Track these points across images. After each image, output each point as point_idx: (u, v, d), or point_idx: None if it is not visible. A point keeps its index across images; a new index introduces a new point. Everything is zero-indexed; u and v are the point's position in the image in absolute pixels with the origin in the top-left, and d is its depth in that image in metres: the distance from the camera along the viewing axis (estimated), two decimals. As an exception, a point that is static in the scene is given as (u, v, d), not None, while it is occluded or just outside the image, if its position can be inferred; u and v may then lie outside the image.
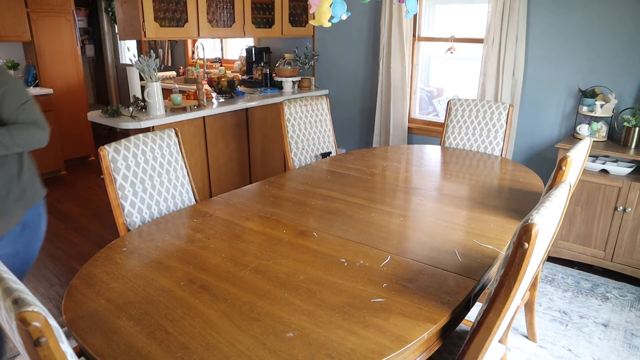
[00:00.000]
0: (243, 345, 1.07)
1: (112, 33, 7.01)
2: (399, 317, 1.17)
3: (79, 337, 1.11)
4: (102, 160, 1.80)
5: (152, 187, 1.96)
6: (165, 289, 1.31)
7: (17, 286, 0.77)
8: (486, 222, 1.76)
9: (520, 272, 1.01)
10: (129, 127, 3.08)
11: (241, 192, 2.10)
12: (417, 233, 1.69)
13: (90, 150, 5.52)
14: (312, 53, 4.53)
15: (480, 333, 1.13)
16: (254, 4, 4.12)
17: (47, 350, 0.72)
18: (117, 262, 1.47)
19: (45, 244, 3.42)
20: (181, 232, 1.70)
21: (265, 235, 1.64)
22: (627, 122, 2.81)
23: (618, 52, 2.93)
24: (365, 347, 1.06)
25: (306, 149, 2.91)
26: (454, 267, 1.42)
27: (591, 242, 2.89)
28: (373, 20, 4.01)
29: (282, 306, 1.22)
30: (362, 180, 2.25)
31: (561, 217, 1.29)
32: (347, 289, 1.29)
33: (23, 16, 4.66)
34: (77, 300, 1.26)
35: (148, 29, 3.35)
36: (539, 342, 2.32)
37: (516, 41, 3.17)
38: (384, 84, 3.93)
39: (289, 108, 2.81)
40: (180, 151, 2.11)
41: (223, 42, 5.66)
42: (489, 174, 2.35)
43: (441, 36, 3.72)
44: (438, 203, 1.98)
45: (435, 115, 4.13)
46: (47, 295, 2.76)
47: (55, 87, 4.98)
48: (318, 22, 1.92)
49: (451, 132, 3.05)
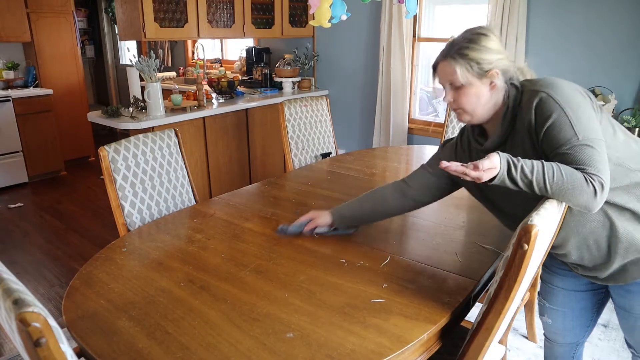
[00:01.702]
0: (243, 345, 1.07)
1: (112, 33, 7.01)
2: (399, 317, 1.17)
3: (79, 338, 1.11)
4: (102, 160, 1.80)
5: (152, 188, 1.96)
6: (165, 290, 1.31)
7: (17, 287, 0.77)
8: (486, 223, 1.75)
9: (520, 273, 1.01)
10: (129, 127, 3.08)
11: (241, 193, 2.10)
12: (417, 233, 1.69)
13: (90, 150, 5.52)
14: (312, 53, 4.53)
15: (480, 334, 1.13)
16: (254, 5, 4.12)
17: (47, 350, 0.72)
18: (117, 262, 1.47)
19: (45, 244, 3.42)
20: (181, 232, 1.70)
21: (265, 236, 1.64)
22: (627, 122, 2.81)
23: (618, 53, 2.93)
24: (365, 348, 1.06)
25: (306, 150, 2.91)
26: (454, 268, 1.42)
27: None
28: (373, 20, 4.01)
29: (282, 306, 1.22)
30: (362, 181, 2.25)
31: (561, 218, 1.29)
32: (347, 290, 1.29)
33: (23, 17, 4.66)
34: (77, 301, 1.26)
35: (148, 29, 3.36)
36: (539, 342, 2.32)
37: (516, 41, 3.18)
38: (383, 85, 3.93)
39: (289, 108, 2.81)
40: (180, 151, 2.11)
41: (223, 43, 5.66)
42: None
43: (441, 36, 3.73)
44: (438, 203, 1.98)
45: (435, 115, 4.13)
46: (47, 295, 2.76)
47: (55, 87, 4.98)
48: (318, 23, 1.92)
49: (451, 132, 3.04)
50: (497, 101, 1.28)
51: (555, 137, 1.15)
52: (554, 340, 1.64)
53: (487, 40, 1.25)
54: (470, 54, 1.24)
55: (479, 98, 1.27)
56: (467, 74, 1.25)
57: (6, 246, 3.40)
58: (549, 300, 1.57)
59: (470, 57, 1.24)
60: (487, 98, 1.27)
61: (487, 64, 1.24)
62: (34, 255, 3.26)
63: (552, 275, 1.54)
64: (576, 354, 1.65)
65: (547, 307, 1.58)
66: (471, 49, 1.24)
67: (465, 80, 1.25)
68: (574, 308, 1.52)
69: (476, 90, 1.26)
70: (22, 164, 4.67)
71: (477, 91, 1.26)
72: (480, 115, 1.30)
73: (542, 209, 1.06)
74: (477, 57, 1.24)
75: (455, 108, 1.32)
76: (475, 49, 1.24)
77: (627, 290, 1.33)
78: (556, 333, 1.60)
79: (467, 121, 1.33)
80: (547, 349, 1.70)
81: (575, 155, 1.13)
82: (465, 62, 1.24)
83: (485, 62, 1.24)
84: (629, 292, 1.33)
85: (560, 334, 1.59)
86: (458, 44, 1.26)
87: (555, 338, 1.62)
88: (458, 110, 1.32)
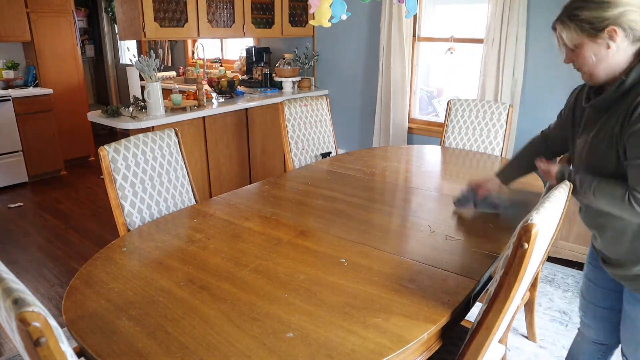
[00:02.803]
0: (243, 345, 1.07)
1: (112, 33, 7.01)
2: (399, 317, 1.17)
3: (79, 337, 1.11)
4: (102, 160, 1.80)
5: (152, 187, 1.96)
6: (165, 289, 1.31)
7: (17, 286, 0.77)
8: (486, 222, 1.76)
9: (520, 272, 1.01)
10: (128, 127, 3.08)
11: (241, 192, 2.10)
12: (417, 233, 1.69)
13: (90, 150, 5.52)
14: (312, 53, 4.53)
15: (480, 333, 1.13)
16: (254, 4, 4.12)
17: (47, 350, 0.72)
18: (117, 262, 1.47)
19: (45, 244, 3.42)
20: (181, 232, 1.70)
21: (265, 236, 1.64)
22: (627, 122, 2.80)
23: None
24: (365, 347, 1.06)
25: (306, 149, 2.91)
26: (454, 267, 1.42)
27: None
28: (373, 20, 4.01)
29: (282, 306, 1.22)
30: (362, 180, 2.25)
31: (561, 217, 1.29)
32: (347, 289, 1.29)
33: (23, 16, 4.66)
34: (77, 301, 1.26)
35: (148, 29, 3.35)
36: (539, 342, 2.32)
37: (516, 41, 3.17)
38: (383, 84, 3.93)
39: (289, 108, 2.81)
40: (180, 151, 2.11)
41: (223, 42, 5.66)
42: (489, 174, 2.34)
43: (441, 36, 3.73)
44: (438, 203, 1.98)
45: (435, 115, 4.13)
46: (47, 295, 2.76)
47: (55, 87, 4.98)
48: (318, 22, 1.92)
49: (451, 132, 3.05)
50: (619, 62, 1.19)
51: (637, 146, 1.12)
52: (585, 334, 1.64)
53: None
54: (582, 14, 1.18)
55: (594, 59, 1.20)
56: (577, 36, 1.20)
57: (6, 246, 3.40)
58: (582, 292, 1.61)
59: (581, 18, 1.18)
60: (604, 58, 1.19)
61: (600, 21, 1.15)
62: (34, 255, 3.26)
63: (586, 266, 1.60)
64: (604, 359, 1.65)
65: (581, 299, 1.62)
66: (583, 8, 1.18)
67: (576, 42, 1.21)
68: (603, 306, 1.54)
69: (590, 51, 1.20)
70: (22, 163, 4.67)
71: (592, 52, 1.20)
72: (598, 76, 1.24)
73: (542, 207, 1.06)
74: (588, 16, 1.17)
75: (576, 68, 1.28)
76: (587, 7, 1.17)
77: (638, 299, 1.32)
78: (588, 326, 1.62)
79: (587, 81, 1.30)
80: (575, 345, 1.72)
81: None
82: (574, 24, 1.19)
83: (599, 20, 1.15)
84: (639, 302, 1.32)
85: (592, 328, 1.60)
86: (572, 3, 1.21)
87: (587, 332, 1.63)
88: (580, 70, 1.28)
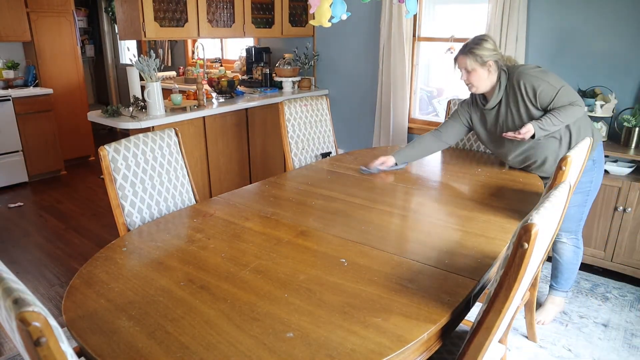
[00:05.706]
0: (243, 345, 1.07)
1: (112, 33, 7.01)
2: (399, 317, 1.17)
3: (79, 337, 1.11)
4: (102, 160, 1.80)
5: (152, 187, 1.96)
6: (165, 289, 1.31)
7: (17, 286, 0.77)
8: (486, 222, 1.76)
9: (520, 272, 1.01)
10: (129, 127, 3.08)
11: (241, 192, 2.10)
12: (417, 233, 1.69)
13: (90, 150, 5.52)
14: (312, 53, 4.53)
15: (480, 333, 1.13)
16: (254, 4, 4.12)
17: (47, 350, 0.72)
18: (117, 262, 1.47)
19: (45, 244, 3.42)
20: (181, 232, 1.70)
21: (265, 235, 1.64)
22: (627, 122, 2.81)
23: (618, 52, 2.93)
24: (365, 347, 1.06)
25: (306, 149, 2.91)
26: (454, 267, 1.42)
27: (591, 242, 2.89)
28: (373, 20, 4.01)
29: (282, 306, 1.22)
30: (362, 180, 2.25)
31: (561, 217, 1.29)
32: (347, 289, 1.29)
33: (23, 16, 4.66)
34: (77, 301, 1.26)
35: (148, 29, 3.36)
36: (539, 342, 2.32)
37: (516, 41, 3.17)
38: (383, 84, 3.93)
39: (289, 108, 2.81)
40: (180, 151, 2.11)
41: (223, 42, 5.66)
42: (488, 174, 2.35)
43: (441, 36, 3.73)
44: (438, 203, 1.98)
45: (435, 115, 4.13)
46: (47, 295, 2.76)
47: (55, 87, 4.98)
48: (318, 22, 1.92)
49: (451, 132, 3.04)
50: (492, 79, 2.15)
51: (547, 95, 2.06)
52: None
53: (486, 44, 2.09)
54: (476, 51, 2.09)
55: (481, 77, 2.13)
56: (474, 63, 2.10)
57: (6, 246, 3.40)
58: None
59: (476, 54, 2.09)
60: (486, 77, 2.14)
61: (485, 57, 2.10)
62: (34, 255, 3.26)
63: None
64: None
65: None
66: (476, 48, 2.09)
67: (473, 67, 2.11)
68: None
69: (480, 73, 2.12)
70: (22, 163, 4.67)
71: (480, 73, 2.13)
72: (483, 88, 2.17)
73: (542, 207, 1.06)
74: (480, 53, 2.09)
75: (467, 83, 2.18)
76: (478, 48, 2.09)
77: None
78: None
79: (474, 91, 2.20)
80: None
81: (560, 98, 2.06)
82: (473, 56, 2.09)
83: (485, 57, 2.10)
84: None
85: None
86: (469, 45, 2.11)
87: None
88: (469, 84, 2.18)
